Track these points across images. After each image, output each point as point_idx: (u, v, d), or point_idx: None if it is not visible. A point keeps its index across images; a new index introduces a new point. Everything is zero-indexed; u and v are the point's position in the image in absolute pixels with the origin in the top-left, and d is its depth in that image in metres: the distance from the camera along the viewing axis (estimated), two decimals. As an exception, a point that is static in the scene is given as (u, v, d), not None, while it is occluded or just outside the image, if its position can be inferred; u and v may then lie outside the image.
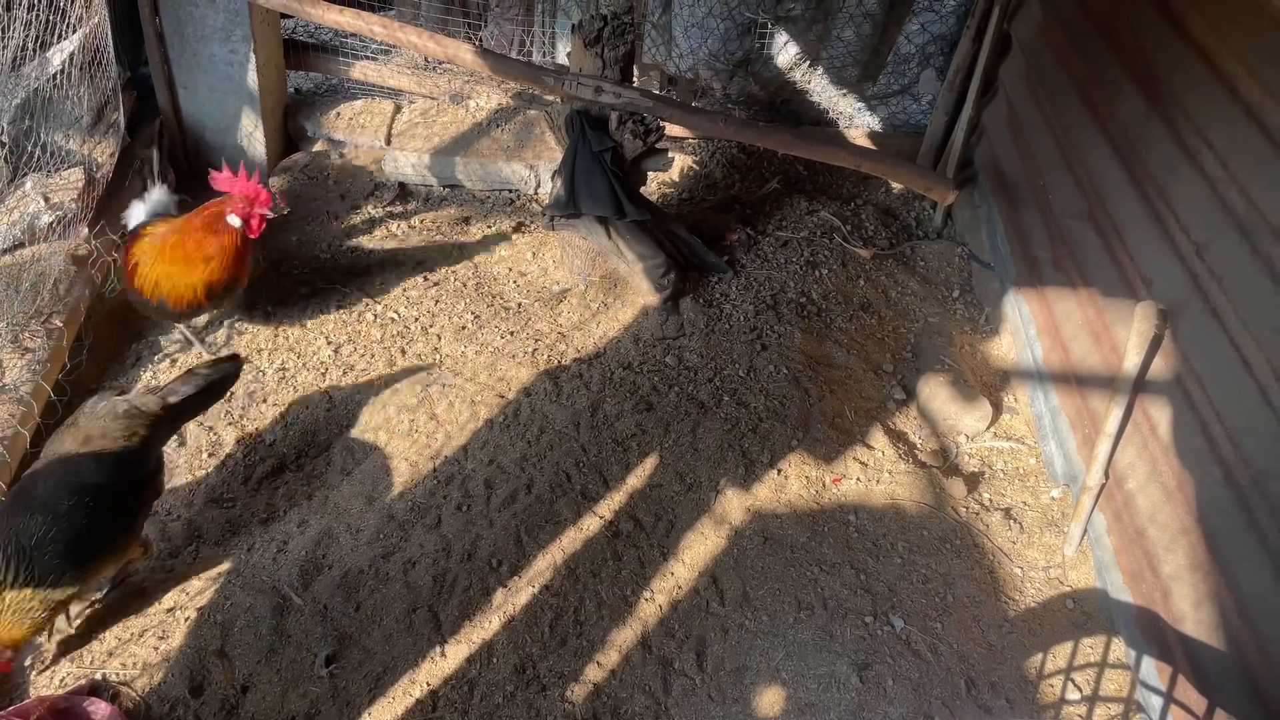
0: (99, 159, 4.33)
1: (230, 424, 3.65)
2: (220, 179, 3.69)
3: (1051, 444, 3.74)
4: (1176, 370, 3.00)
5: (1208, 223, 2.95)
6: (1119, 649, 3.13)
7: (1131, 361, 3.07)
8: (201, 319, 4.10)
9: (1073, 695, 3.00)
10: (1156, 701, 2.87)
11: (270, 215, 3.74)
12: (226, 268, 3.72)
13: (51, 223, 3.95)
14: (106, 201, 4.26)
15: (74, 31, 4.19)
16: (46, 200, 3.99)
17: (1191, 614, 2.79)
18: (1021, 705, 2.94)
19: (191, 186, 5.01)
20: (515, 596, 3.11)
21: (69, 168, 4.17)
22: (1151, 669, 2.93)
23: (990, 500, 3.64)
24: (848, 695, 2.88)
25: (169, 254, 3.67)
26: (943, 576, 3.29)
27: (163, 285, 3.68)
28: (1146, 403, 3.13)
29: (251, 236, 3.74)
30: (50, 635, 2.90)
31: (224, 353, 3.92)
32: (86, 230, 4.01)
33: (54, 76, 4.14)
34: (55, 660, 2.87)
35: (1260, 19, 2.80)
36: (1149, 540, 3.03)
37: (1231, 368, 2.74)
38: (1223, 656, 2.65)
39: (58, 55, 4.18)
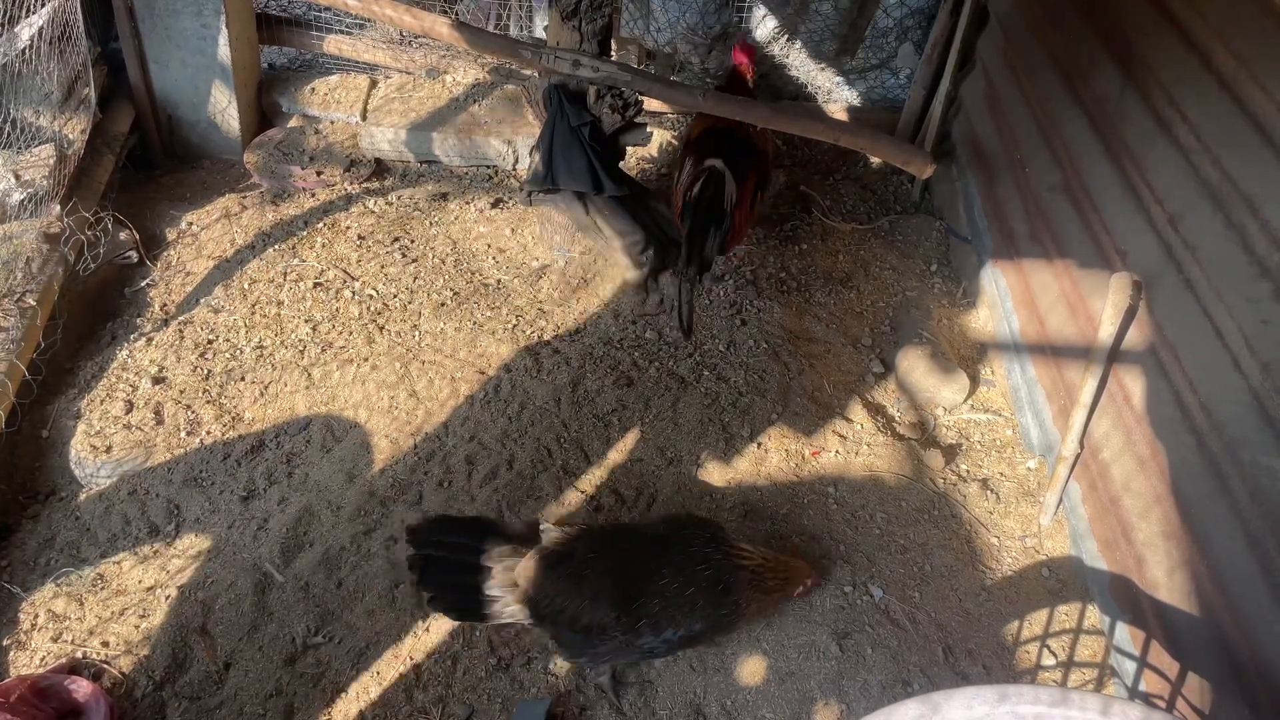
0: (70, 135, 4.26)
1: (208, 402, 3.63)
2: None
3: (1028, 415, 3.78)
4: (1151, 341, 3.03)
5: (1182, 194, 2.97)
6: (1094, 615, 3.18)
7: (1107, 332, 3.10)
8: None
9: (1048, 661, 3.05)
10: (1130, 666, 2.93)
11: None
12: None
13: (23, 200, 3.90)
14: (78, 178, 4.20)
15: (43, 5, 4.11)
16: (17, 178, 3.93)
17: (1165, 580, 2.83)
18: (998, 671, 2.99)
19: (166, 163, 4.97)
20: (497, 571, 3.12)
21: (40, 144, 4.11)
22: (1126, 634, 2.98)
23: (968, 471, 3.67)
24: (827, 664, 2.91)
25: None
26: (921, 546, 3.33)
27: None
28: (1121, 373, 3.16)
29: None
30: None
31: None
32: (58, 208, 3.95)
33: (23, 52, 4.07)
34: None
35: (1234, -10, 2.82)
36: (1123, 509, 3.07)
37: (1204, 337, 2.77)
38: (1195, 621, 2.70)
39: (26, 30, 4.10)
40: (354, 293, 4.15)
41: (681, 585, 2.63)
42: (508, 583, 2.63)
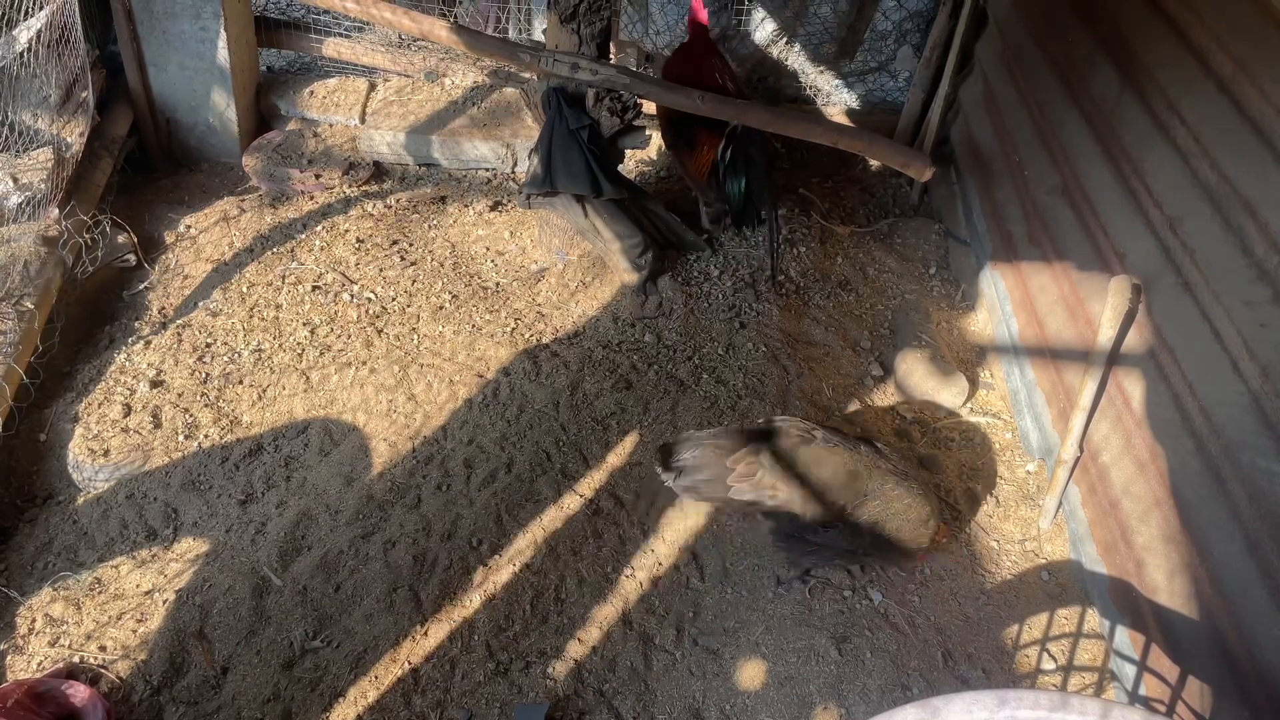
0: (68, 138, 4.26)
1: (206, 405, 3.62)
2: None
3: (1027, 418, 3.78)
4: (1150, 343, 3.03)
5: (1180, 196, 2.97)
6: (1093, 619, 3.17)
7: (1106, 335, 3.10)
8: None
9: (1048, 665, 3.05)
10: (1130, 670, 2.92)
11: None
12: None
13: (21, 204, 3.89)
14: (76, 181, 4.20)
15: (41, 8, 4.11)
16: (15, 181, 3.93)
17: (1165, 584, 2.83)
18: (998, 675, 2.98)
19: (164, 166, 4.97)
20: (496, 575, 3.11)
21: (38, 148, 4.10)
22: (1125, 638, 2.98)
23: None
24: (827, 668, 2.91)
25: None
26: (920, 550, 3.32)
27: None
28: (1120, 376, 3.16)
29: None
30: None
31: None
32: (56, 211, 3.95)
33: (21, 54, 4.06)
34: None
35: (1233, -7, 2.82)
36: (1123, 512, 3.07)
37: (1204, 340, 2.77)
38: (1195, 625, 2.69)
39: (24, 33, 4.10)
40: (352, 296, 4.14)
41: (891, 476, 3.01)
42: (748, 474, 2.93)
